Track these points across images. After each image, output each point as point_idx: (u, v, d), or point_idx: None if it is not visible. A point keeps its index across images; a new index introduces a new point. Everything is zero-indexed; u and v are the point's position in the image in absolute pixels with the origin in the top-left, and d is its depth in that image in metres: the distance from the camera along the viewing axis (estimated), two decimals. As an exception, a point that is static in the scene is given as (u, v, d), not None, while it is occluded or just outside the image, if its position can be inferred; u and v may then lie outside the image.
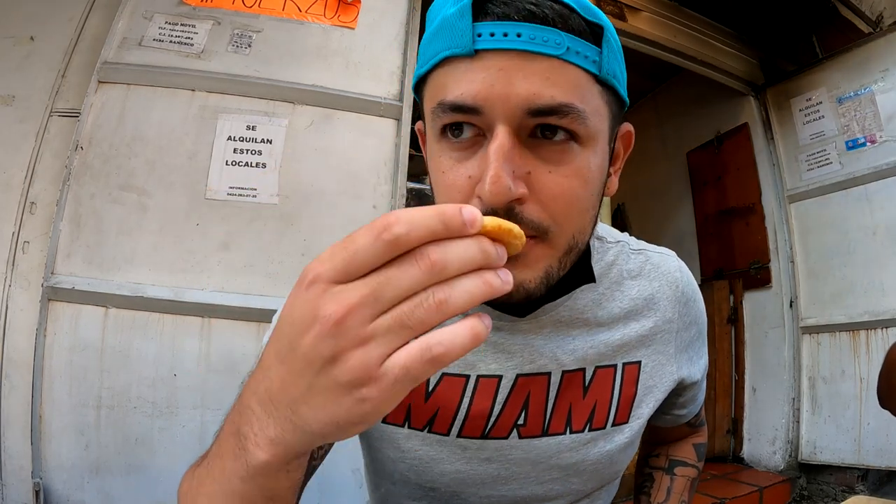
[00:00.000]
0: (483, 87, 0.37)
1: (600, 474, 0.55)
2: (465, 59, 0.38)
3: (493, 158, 0.36)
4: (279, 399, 0.26)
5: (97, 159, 1.33)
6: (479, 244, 0.24)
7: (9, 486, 1.21)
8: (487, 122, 0.38)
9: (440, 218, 0.23)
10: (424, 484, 0.53)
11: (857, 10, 2.18)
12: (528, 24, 0.37)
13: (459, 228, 0.24)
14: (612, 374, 0.53)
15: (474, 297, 0.24)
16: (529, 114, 0.37)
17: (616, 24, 2.04)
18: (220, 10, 1.48)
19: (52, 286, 1.24)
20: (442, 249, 0.23)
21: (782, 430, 2.16)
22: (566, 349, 0.52)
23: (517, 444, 0.51)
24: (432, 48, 0.41)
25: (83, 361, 1.23)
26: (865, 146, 2.04)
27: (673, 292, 0.57)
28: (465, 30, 0.37)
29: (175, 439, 1.25)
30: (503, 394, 0.51)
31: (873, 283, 1.99)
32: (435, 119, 0.41)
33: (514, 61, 0.37)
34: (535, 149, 0.39)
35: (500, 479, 0.52)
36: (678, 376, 0.57)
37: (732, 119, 2.52)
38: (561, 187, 0.39)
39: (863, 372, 1.98)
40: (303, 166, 1.42)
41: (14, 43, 1.42)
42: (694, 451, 0.70)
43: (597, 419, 0.53)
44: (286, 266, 1.37)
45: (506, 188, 0.36)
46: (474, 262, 0.24)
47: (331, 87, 1.48)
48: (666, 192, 2.97)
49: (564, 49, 0.37)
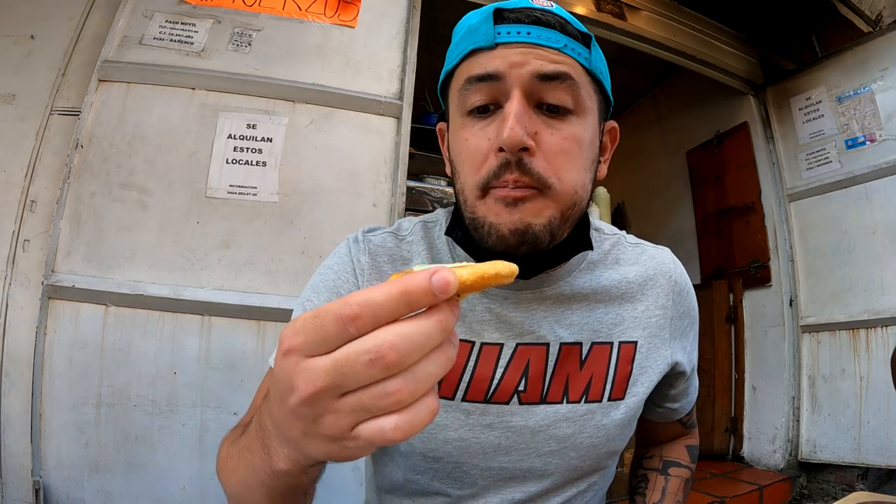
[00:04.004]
0: (503, 63, 0.48)
1: (596, 451, 0.57)
2: (488, 50, 0.49)
3: (511, 115, 0.46)
4: (284, 434, 0.31)
5: (97, 158, 1.33)
6: (440, 326, 0.25)
7: (9, 485, 1.21)
8: (505, 89, 0.48)
9: (405, 300, 0.24)
10: (428, 453, 0.55)
11: (856, 10, 2.18)
12: (535, 26, 0.48)
13: (430, 300, 0.24)
14: (608, 350, 0.57)
15: (436, 378, 0.26)
16: (538, 78, 0.47)
17: (616, 24, 2.04)
18: (220, 9, 1.48)
19: (53, 284, 1.24)
20: (399, 347, 0.24)
21: (782, 428, 2.16)
22: (564, 323, 0.56)
23: (517, 410, 0.55)
24: (459, 48, 0.51)
25: (83, 359, 1.23)
26: (865, 145, 2.05)
27: (667, 281, 0.61)
28: (489, 30, 0.49)
29: (175, 437, 1.25)
30: (504, 360, 0.55)
31: (873, 282, 1.99)
32: (461, 96, 0.50)
33: (526, 49, 0.48)
34: (541, 117, 0.49)
35: (501, 449, 0.55)
36: (672, 360, 0.60)
37: (732, 118, 2.52)
38: (560, 146, 0.48)
39: (863, 370, 1.98)
40: (303, 164, 1.42)
41: (14, 42, 1.43)
42: (687, 452, 0.72)
43: (593, 391, 0.56)
44: (286, 264, 1.37)
45: (520, 135, 0.45)
46: (434, 345, 0.25)
47: (331, 85, 1.48)
48: (666, 190, 2.98)
49: (563, 45, 0.49)
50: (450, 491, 0.57)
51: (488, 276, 0.27)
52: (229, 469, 0.43)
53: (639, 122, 3.28)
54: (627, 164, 3.27)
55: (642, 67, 2.87)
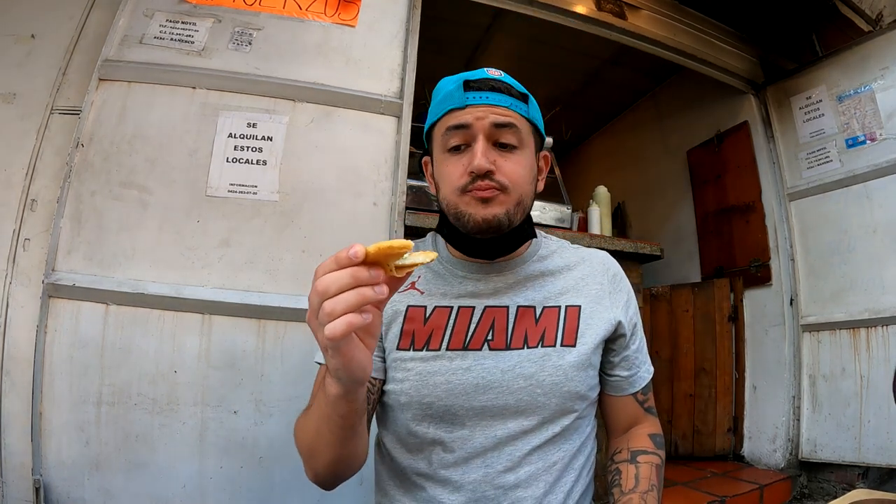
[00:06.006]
0: (471, 117, 0.72)
1: (559, 389, 0.72)
2: (460, 109, 0.73)
3: (478, 151, 0.71)
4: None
5: (98, 157, 1.33)
6: (350, 272, 0.46)
7: (9, 484, 1.21)
8: (472, 134, 0.72)
9: (336, 261, 0.46)
10: (423, 399, 0.72)
11: (856, 9, 2.18)
12: (492, 92, 0.73)
13: (347, 262, 0.46)
14: (556, 312, 0.76)
15: (350, 304, 0.45)
16: (494, 126, 0.72)
17: (616, 23, 2.04)
18: (220, 8, 1.48)
19: (53, 283, 1.24)
20: (326, 281, 0.46)
21: (783, 428, 2.16)
22: (520, 295, 0.77)
23: (488, 355, 0.73)
24: (439, 108, 0.76)
25: (83, 358, 1.23)
26: (865, 144, 2.05)
27: (601, 266, 0.83)
28: (461, 95, 0.73)
29: (175, 436, 1.25)
30: (476, 318, 0.75)
31: (873, 281, 1.99)
32: (443, 139, 0.75)
33: (486, 108, 0.72)
34: (497, 150, 0.73)
35: (480, 388, 0.71)
36: (615, 319, 0.78)
37: (732, 117, 2.52)
38: (510, 167, 0.72)
39: (863, 370, 1.98)
40: (303, 163, 1.42)
41: (15, 41, 1.43)
42: (651, 440, 0.81)
43: (547, 339, 0.74)
44: (287, 263, 1.37)
45: (484, 162, 0.70)
46: (347, 284, 0.45)
47: (331, 84, 1.49)
48: (666, 190, 2.98)
49: (510, 103, 0.73)
50: (443, 436, 0.72)
51: (383, 247, 0.45)
52: (304, 428, 0.68)
53: (639, 122, 3.28)
54: (627, 163, 3.27)
55: (642, 67, 2.87)
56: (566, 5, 1.96)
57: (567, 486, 0.73)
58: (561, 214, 2.13)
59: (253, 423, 1.28)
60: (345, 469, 0.68)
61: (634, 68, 2.92)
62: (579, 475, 0.75)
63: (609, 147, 3.62)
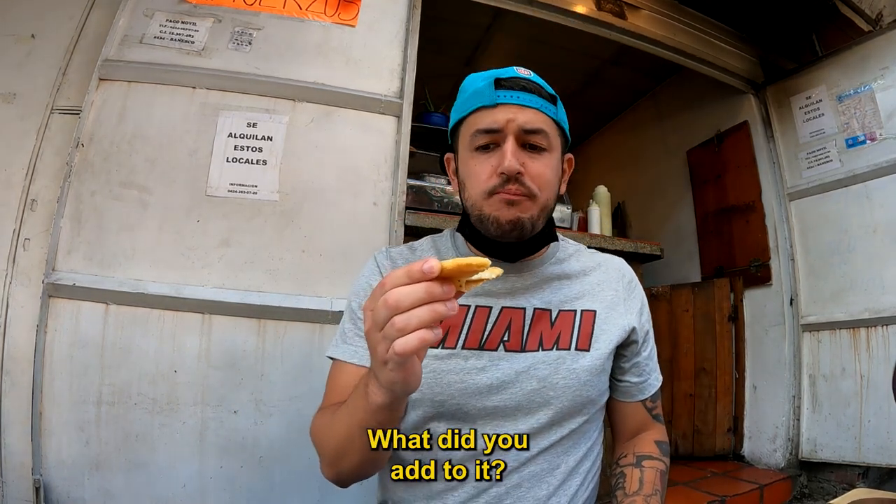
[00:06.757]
0: (501, 119, 0.70)
1: (572, 392, 0.72)
2: (490, 108, 0.71)
3: (508, 152, 0.70)
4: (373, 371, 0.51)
5: (98, 156, 1.33)
6: (425, 287, 0.43)
7: (9, 483, 1.21)
8: (503, 136, 0.71)
9: (407, 274, 0.44)
10: (435, 398, 0.71)
11: (856, 9, 2.18)
12: (522, 92, 0.71)
13: (420, 277, 0.43)
14: (572, 315, 0.76)
15: (423, 320, 0.43)
16: (524, 132, 0.71)
17: (616, 23, 2.04)
18: (220, 8, 1.48)
19: (53, 283, 1.24)
20: (397, 294, 0.43)
21: (783, 427, 2.16)
22: (537, 297, 0.77)
23: (503, 356, 0.73)
24: (468, 105, 0.74)
25: (84, 358, 1.23)
26: (865, 144, 2.04)
27: (617, 272, 0.83)
28: (491, 93, 0.71)
29: (175, 436, 1.25)
30: (493, 318, 0.75)
31: (873, 281, 1.99)
32: (472, 140, 0.73)
33: (516, 108, 0.71)
34: (526, 152, 0.72)
35: (493, 389, 0.71)
36: (629, 325, 0.78)
37: (732, 117, 2.51)
38: (539, 170, 0.72)
39: (863, 369, 1.98)
40: (303, 163, 1.42)
41: (15, 41, 1.43)
42: (657, 447, 0.81)
43: (562, 342, 0.74)
44: (287, 262, 1.37)
45: (515, 164, 0.69)
46: (420, 299, 0.43)
47: (331, 84, 1.49)
48: (666, 190, 2.97)
49: (540, 105, 0.72)
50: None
51: (462, 264, 0.43)
52: (330, 431, 0.64)
53: (639, 122, 3.28)
54: (628, 163, 3.27)
55: (642, 67, 2.87)
56: (566, 5, 1.96)
57: (572, 489, 0.73)
58: (561, 214, 2.13)
59: (253, 423, 1.28)
60: (371, 470, 0.68)
61: (634, 68, 2.91)
62: (584, 480, 0.75)
63: (609, 147, 3.61)
